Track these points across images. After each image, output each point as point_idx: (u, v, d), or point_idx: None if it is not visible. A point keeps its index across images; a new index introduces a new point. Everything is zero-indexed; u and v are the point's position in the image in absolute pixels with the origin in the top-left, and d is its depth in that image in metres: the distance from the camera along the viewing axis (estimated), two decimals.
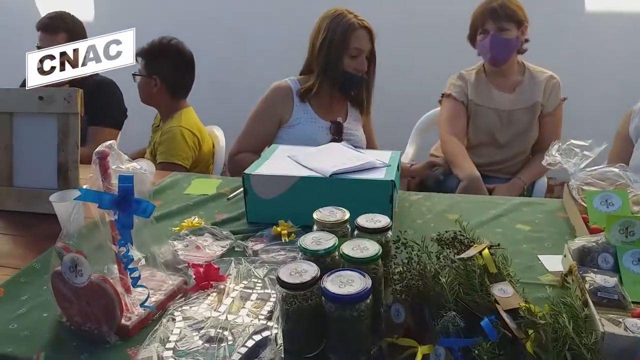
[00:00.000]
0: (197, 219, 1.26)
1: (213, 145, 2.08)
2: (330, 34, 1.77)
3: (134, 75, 1.97)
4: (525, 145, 2.02)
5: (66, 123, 1.32)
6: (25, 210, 1.35)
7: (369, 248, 0.86)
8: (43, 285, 0.98)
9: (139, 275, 0.90)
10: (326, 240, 0.89)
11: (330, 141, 1.84)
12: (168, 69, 1.92)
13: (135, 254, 0.93)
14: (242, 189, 1.28)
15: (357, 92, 1.89)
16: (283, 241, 1.15)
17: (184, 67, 1.96)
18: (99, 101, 2.38)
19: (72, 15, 2.44)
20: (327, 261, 0.87)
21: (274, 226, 1.19)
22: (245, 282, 0.99)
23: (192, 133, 1.91)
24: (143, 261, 0.96)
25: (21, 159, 1.37)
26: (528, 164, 2.05)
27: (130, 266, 0.89)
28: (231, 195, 1.42)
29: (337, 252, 0.88)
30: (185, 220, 1.25)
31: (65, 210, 1.21)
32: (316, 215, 1.00)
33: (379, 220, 0.96)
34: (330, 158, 1.32)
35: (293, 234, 1.17)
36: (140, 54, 1.92)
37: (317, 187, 1.22)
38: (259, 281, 0.99)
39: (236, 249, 1.15)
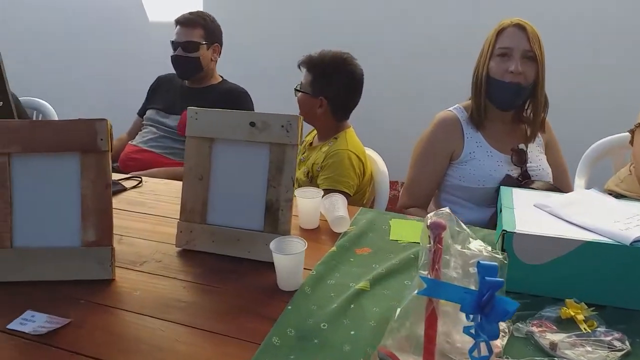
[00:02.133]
0: None
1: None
2: (483, 43, 1.58)
3: (296, 90, 1.76)
4: None
5: (281, 155, 1.10)
6: (220, 253, 1.15)
7: None
8: None
9: None
10: None
11: (518, 176, 1.58)
12: (338, 90, 1.69)
13: None
14: None
15: (522, 105, 1.62)
16: (583, 331, 0.90)
17: (354, 88, 1.72)
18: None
19: (212, 17, 2.30)
20: None
21: (563, 308, 0.94)
22: None
23: (358, 158, 1.67)
24: None
25: (219, 192, 1.16)
26: None
27: None
28: None
29: None
30: None
31: (289, 263, 1.00)
32: None
33: None
34: (604, 213, 1.06)
35: (593, 321, 0.91)
36: (309, 67, 1.70)
37: (609, 256, 0.96)
38: None
39: (515, 334, 0.90)
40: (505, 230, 1.00)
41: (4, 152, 1.06)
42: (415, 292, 0.73)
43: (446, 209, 0.80)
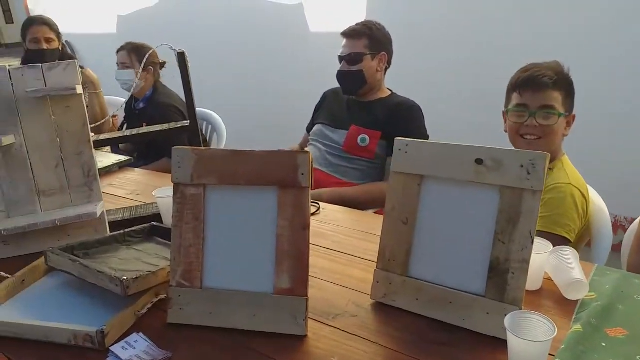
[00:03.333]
0: None
1: None
2: None
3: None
4: None
5: (516, 202, 0.87)
6: (426, 315, 0.95)
7: None
8: None
9: None
10: None
11: None
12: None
13: None
14: None
15: None
16: None
17: None
18: (400, 125, 2.02)
19: (381, 25, 2.13)
20: None
21: None
22: None
23: (582, 195, 1.36)
24: None
25: (427, 241, 0.96)
26: None
27: None
28: None
29: None
30: None
31: (533, 351, 0.76)
32: None
33: None
34: None
35: None
36: (557, 83, 1.42)
37: None
38: None
39: None
40: None
41: (199, 183, 0.99)
42: None
43: None
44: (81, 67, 2.84)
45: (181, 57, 1.37)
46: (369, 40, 2.09)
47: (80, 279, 1.05)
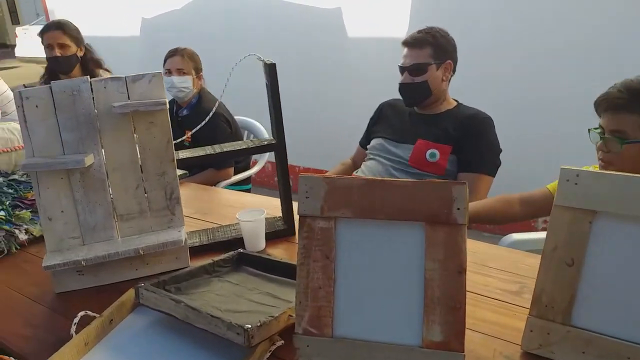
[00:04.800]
0: None
1: None
2: None
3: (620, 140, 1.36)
4: None
5: None
6: None
7: None
8: None
9: None
10: None
11: None
12: None
13: None
14: None
15: None
16: None
17: None
18: (472, 139, 1.90)
19: (444, 31, 2.00)
20: None
21: None
22: None
23: None
24: None
25: (598, 287, 0.83)
26: None
27: None
28: None
29: None
30: None
31: None
32: None
33: None
34: None
35: None
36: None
37: None
38: None
39: None
40: None
41: (330, 216, 0.86)
42: None
43: None
44: (107, 70, 2.72)
45: (272, 69, 1.24)
46: (434, 48, 1.96)
47: (185, 322, 0.93)
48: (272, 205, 1.53)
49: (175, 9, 4.27)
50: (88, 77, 1.11)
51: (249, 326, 0.83)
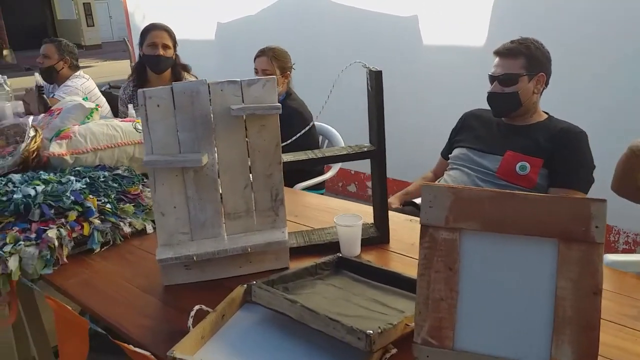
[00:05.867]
0: None
1: None
2: None
3: None
4: None
5: None
6: None
7: None
8: None
9: None
10: None
11: None
12: None
13: None
14: None
15: None
16: None
17: None
18: (566, 154, 1.84)
19: (539, 43, 1.95)
20: None
21: None
22: None
23: None
24: None
25: None
26: None
27: None
28: None
29: None
30: None
31: None
32: None
33: None
34: None
35: None
36: None
37: None
38: None
39: None
40: None
41: (455, 227, 0.85)
42: None
43: None
44: (193, 75, 2.81)
45: (378, 76, 1.25)
46: (527, 59, 1.91)
47: (296, 322, 0.94)
48: (359, 211, 1.53)
49: (250, 15, 4.38)
50: (206, 79, 1.16)
51: (371, 332, 0.84)
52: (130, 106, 2.35)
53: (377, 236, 1.38)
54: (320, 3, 3.88)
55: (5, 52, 17.23)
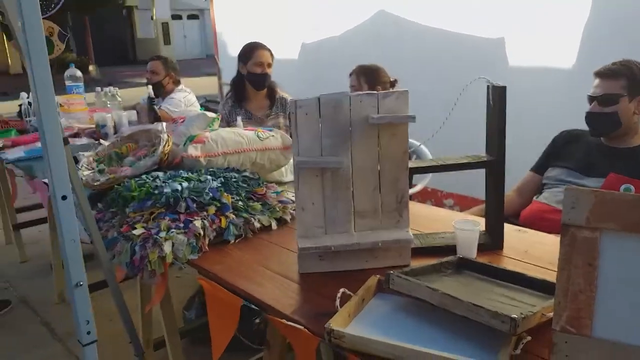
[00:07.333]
0: None
1: None
2: None
3: None
4: None
5: None
6: None
7: None
8: None
9: None
10: None
11: None
12: None
13: None
14: None
15: None
16: None
17: None
18: None
19: None
20: None
21: None
22: None
23: None
24: None
25: None
26: None
27: None
28: None
29: None
30: None
31: None
32: None
33: None
34: None
35: None
36: None
37: None
38: None
39: None
40: None
41: (595, 227, 0.94)
42: None
43: None
44: (285, 92, 3.01)
45: (502, 91, 1.36)
46: (628, 80, 1.94)
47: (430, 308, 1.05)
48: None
49: (334, 35, 4.59)
50: (348, 91, 1.31)
51: (515, 316, 0.93)
52: (239, 118, 2.57)
53: (490, 242, 1.46)
54: (403, 24, 4.02)
55: (90, 67, 18.65)
